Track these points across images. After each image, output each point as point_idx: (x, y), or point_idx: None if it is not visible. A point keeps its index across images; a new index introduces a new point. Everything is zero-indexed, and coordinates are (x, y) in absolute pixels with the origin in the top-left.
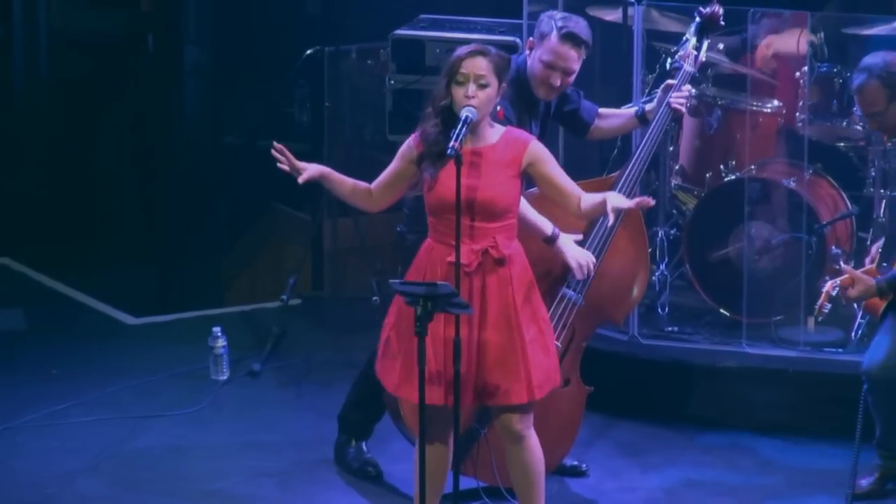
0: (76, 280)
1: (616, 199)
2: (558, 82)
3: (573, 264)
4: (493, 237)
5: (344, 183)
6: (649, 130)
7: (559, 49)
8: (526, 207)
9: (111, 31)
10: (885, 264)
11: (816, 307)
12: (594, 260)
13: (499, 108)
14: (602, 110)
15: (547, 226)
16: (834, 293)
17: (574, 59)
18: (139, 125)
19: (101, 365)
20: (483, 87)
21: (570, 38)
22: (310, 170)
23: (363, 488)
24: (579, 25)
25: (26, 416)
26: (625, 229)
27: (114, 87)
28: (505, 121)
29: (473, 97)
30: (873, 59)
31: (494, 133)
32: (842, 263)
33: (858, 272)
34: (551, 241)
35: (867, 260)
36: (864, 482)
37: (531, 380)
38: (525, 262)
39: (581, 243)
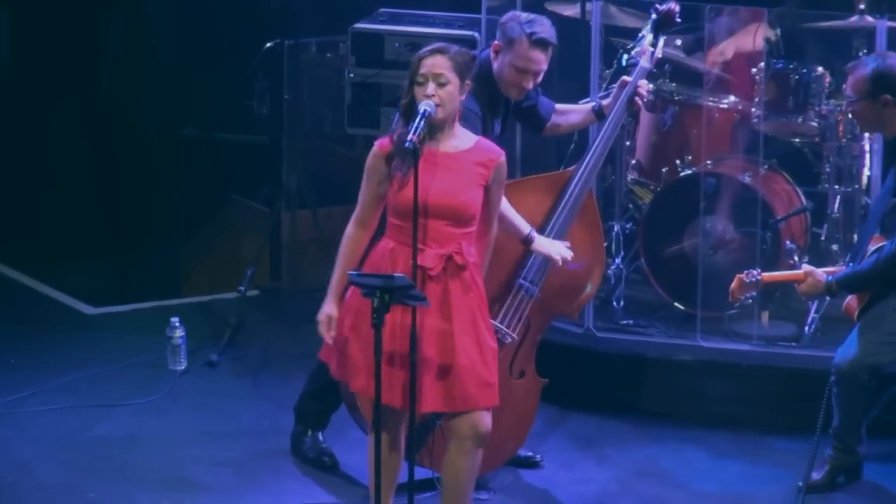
0: (35, 271)
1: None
2: (530, 85)
3: (556, 258)
4: (459, 242)
5: (351, 265)
6: (605, 125)
7: (530, 55)
8: (506, 206)
9: (68, 21)
10: (851, 264)
11: (730, 293)
12: (569, 255)
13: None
14: (559, 106)
15: (524, 226)
16: (748, 280)
17: (544, 61)
18: (99, 117)
19: (60, 354)
20: (442, 85)
21: (540, 43)
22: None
23: (319, 478)
24: (546, 28)
25: None
26: (581, 223)
27: (71, 78)
28: (471, 115)
29: (433, 95)
30: (886, 56)
31: (466, 138)
32: (804, 264)
33: (815, 269)
34: (528, 241)
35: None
36: (815, 474)
37: (495, 386)
38: (480, 267)
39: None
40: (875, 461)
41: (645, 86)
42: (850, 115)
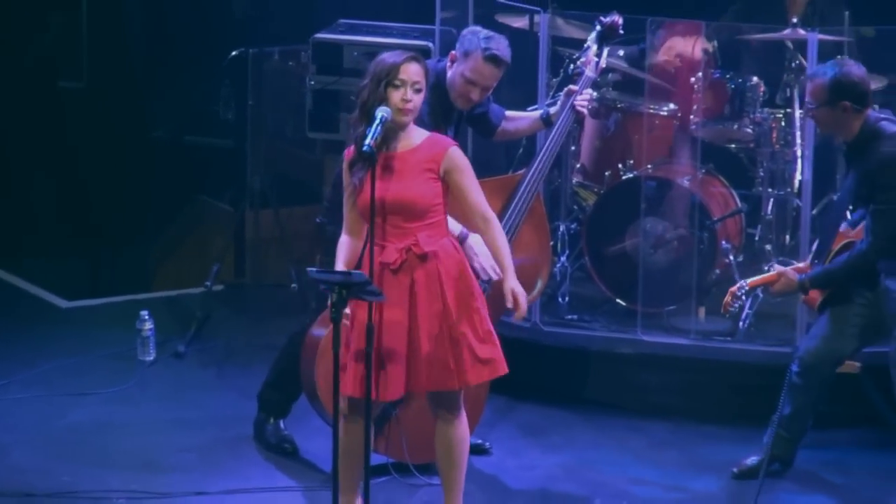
0: (12, 266)
1: (513, 284)
2: (477, 97)
3: (477, 266)
4: (415, 235)
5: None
6: (553, 132)
7: (482, 69)
8: None
9: (43, 25)
10: (816, 262)
11: (723, 306)
12: (495, 270)
13: None
14: (509, 113)
15: (455, 227)
16: (740, 293)
17: (494, 77)
18: (73, 120)
19: (35, 346)
20: (417, 91)
21: (493, 59)
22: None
23: (280, 463)
24: (502, 47)
25: None
26: (529, 224)
27: (47, 83)
28: (420, 123)
29: (410, 101)
30: (844, 64)
31: (418, 136)
32: (775, 265)
33: (786, 269)
34: (461, 241)
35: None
36: (751, 461)
37: (463, 367)
38: (456, 257)
39: None
40: (805, 449)
41: (589, 94)
42: (811, 119)
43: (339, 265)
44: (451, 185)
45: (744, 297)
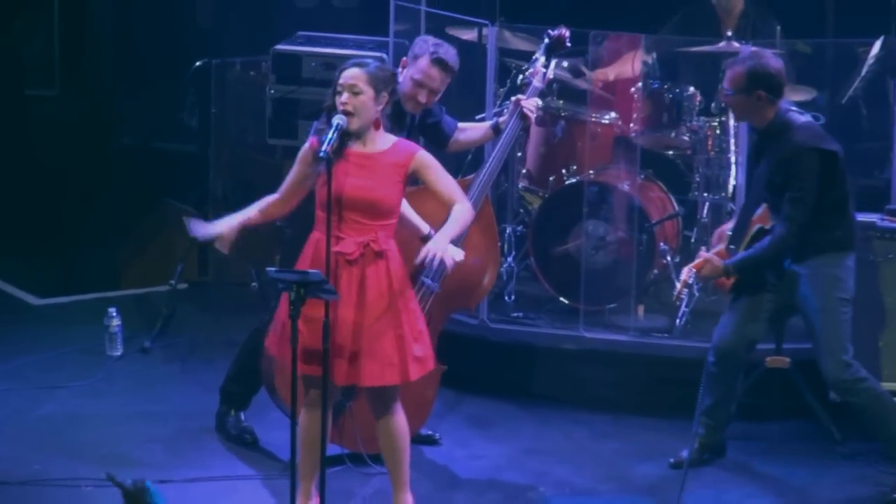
0: None
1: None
2: (424, 99)
3: (447, 260)
4: (375, 232)
5: (255, 216)
6: (501, 140)
7: (429, 71)
8: (406, 207)
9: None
10: (732, 246)
11: (675, 294)
12: (460, 257)
13: None
14: (461, 125)
15: (423, 226)
16: (690, 280)
17: (440, 80)
18: (46, 127)
19: (7, 341)
20: (356, 94)
21: (439, 62)
22: (227, 233)
23: (241, 453)
24: (449, 53)
25: None
26: (478, 227)
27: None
28: None
29: (347, 103)
30: (762, 56)
31: (386, 141)
32: (703, 251)
33: (711, 254)
34: (426, 239)
35: (714, 238)
36: (685, 452)
37: (405, 364)
38: (401, 260)
39: None
40: (737, 440)
41: (535, 103)
42: (724, 104)
43: (253, 207)
44: (425, 181)
45: (693, 284)
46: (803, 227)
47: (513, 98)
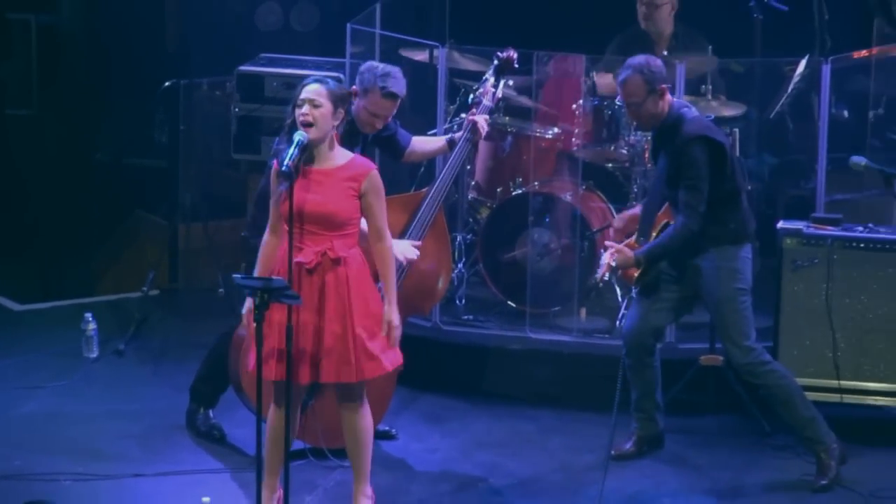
0: None
1: (391, 316)
2: (380, 125)
3: (400, 258)
4: (332, 242)
5: (266, 266)
6: (453, 155)
7: (382, 103)
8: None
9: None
10: (642, 238)
11: (598, 276)
12: (415, 251)
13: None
14: (416, 138)
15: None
16: (613, 264)
17: (393, 108)
18: (25, 144)
19: None
20: (316, 107)
21: (390, 96)
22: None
23: (210, 448)
24: (398, 84)
25: None
26: (432, 236)
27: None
28: None
29: (307, 115)
30: (637, 59)
31: (342, 156)
32: (608, 243)
33: (622, 245)
34: None
35: (617, 222)
36: (626, 446)
37: (361, 364)
38: (365, 268)
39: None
40: (675, 434)
41: (484, 121)
42: (636, 121)
43: (260, 261)
44: (363, 203)
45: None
46: (701, 213)
47: (467, 115)
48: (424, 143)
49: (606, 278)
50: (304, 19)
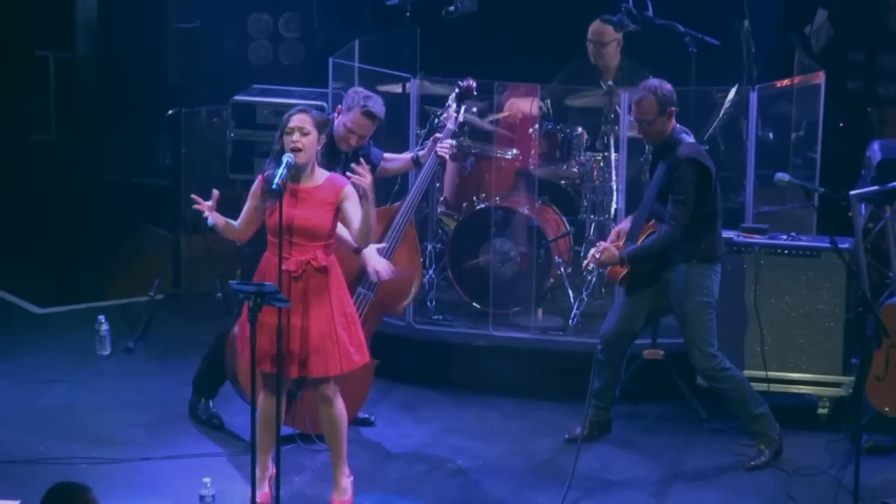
0: None
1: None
2: (354, 142)
3: (370, 270)
4: (315, 252)
5: (227, 224)
6: (422, 173)
7: (360, 121)
8: (340, 228)
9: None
10: (629, 242)
11: (584, 264)
12: (390, 269)
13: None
14: (387, 155)
15: (352, 241)
16: (598, 256)
17: (369, 128)
18: (48, 167)
19: (13, 344)
20: (305, 134)
21: (368, 114)
22: (215, 218)
23: (210, 434)
24: (377, 106)
25: None
26: (404, 245)
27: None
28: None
29: (297, 142)
30: (652, 82)
31: (321, 176)
32: (602, 243)
33: (610, 245)
34: (357, 251)
35: (612, 235)
36: (579, 430)
37: (340, 358)
38: (339, 273)
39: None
40: (621, 419)
41: (450, 143)
42: (645, 136)
43: (230, 221)
44: (342, 210)
45: (595, 269)
46: (685, 226)
47: (432, 137)
48: (393, 161)
49: (591, 269)
50: (291, 55)
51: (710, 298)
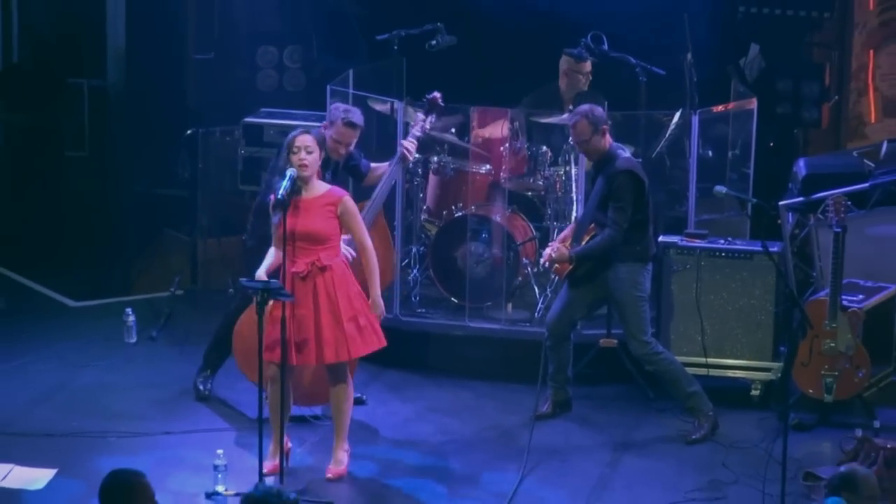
0: (38, 278)
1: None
2: (343, 151)
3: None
4: (318, 254)
5: (269, 263)
6: (388, 168)
7: (343, 131)
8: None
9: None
10: (574, 243)
11: (542, 262)
12: (352, 254)
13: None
14: (373, 165)
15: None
16: (554, 255)
17: (352, 136)
18: (83, 179)
19: (51, 332)
20: (310, 153)
21: (349, 124)
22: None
23: (221, 412)
24: (356, 115)
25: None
26: (376, 235)
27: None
28: None
29: (304, 160)
30: (583, 107)
31: (322, 188)
32: (551, 243)
33: (561, 245)
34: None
35: (559, 239)
36: (544, 408)
37: (350, 345)
38: (345, 271)
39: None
40: (580, 399)
41: (414, 144)
42: (585, 154)
43: (267, 260)
44: (343, 221)
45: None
46: (624, 229)
47: (399, 142)
48: (376, 168)
49: (547, 266)
50: (294, 82)
51: (643, 293)
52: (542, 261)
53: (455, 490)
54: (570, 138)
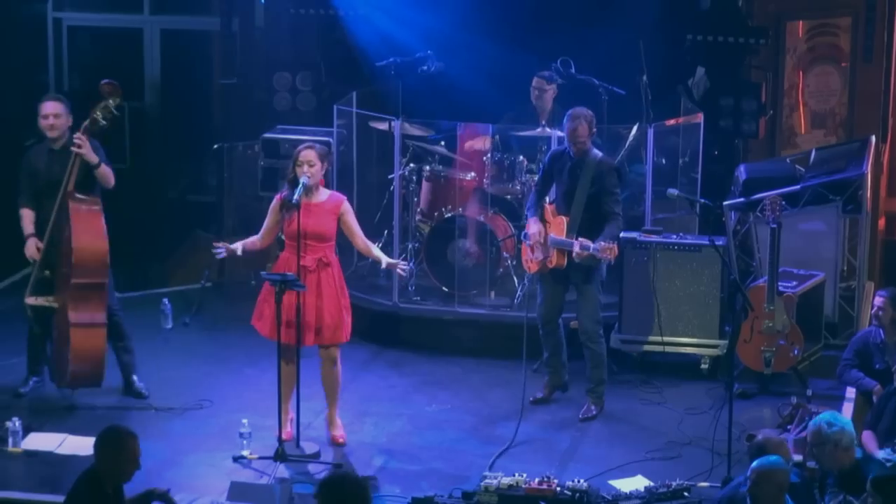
0: None
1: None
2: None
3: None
4: (324, 251)
5: (243, 245)
6: None
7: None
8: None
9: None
10: (570, 233)
11: (575, 254)
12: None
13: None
14: None
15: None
16: (599, 250)
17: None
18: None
19: None
20: (311, 166)
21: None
22: (227, 249)
23: (242, 383)
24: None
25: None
26: None
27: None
28: None
29: (307, 172)
30: (582, 111)
31: (325, 194)
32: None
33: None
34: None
35: (537, 231)
36: (540, 393)
37: (342, 330)
38: (338, 266)
39: None
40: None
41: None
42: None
43: (244, 242)
44: (343, 223)
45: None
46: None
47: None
48: None
49: (577, 260)
50: (305, 103)
51: (601, 281)
52: (574, 254)
53: (449, 448)
54: (567, 136)
